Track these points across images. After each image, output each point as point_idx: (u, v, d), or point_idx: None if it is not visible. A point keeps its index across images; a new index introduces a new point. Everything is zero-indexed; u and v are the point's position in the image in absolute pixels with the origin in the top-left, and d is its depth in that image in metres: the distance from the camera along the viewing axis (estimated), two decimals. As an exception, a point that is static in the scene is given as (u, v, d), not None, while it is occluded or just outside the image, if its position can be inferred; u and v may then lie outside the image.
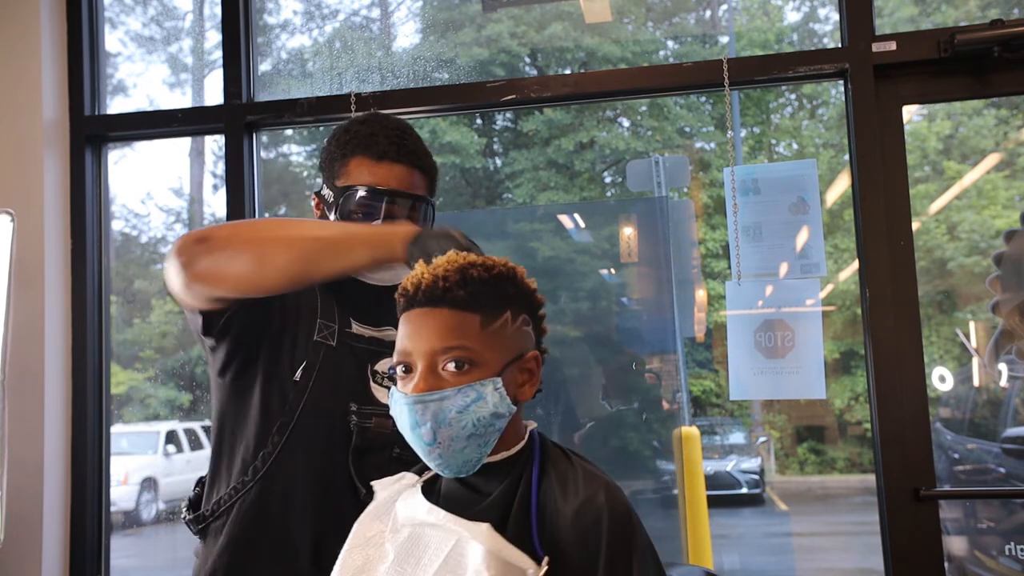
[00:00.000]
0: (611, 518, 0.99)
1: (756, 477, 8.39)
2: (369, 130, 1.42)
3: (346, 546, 1.10)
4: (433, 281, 1.04)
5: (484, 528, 1.00)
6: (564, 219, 4.16)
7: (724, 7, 8.95)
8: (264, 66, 3.72)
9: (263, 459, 1.33)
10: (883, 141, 2.12)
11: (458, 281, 1.04)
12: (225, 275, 1.21)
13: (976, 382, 4.30)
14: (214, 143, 8.97)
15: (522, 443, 1.08)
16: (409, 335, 1.05)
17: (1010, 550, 3.01)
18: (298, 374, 1.35)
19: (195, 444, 7.94)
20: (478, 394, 1.03)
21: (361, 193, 1.37)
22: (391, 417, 1.08)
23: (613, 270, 3.76)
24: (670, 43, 8.78)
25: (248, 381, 1.37)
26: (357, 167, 1.40)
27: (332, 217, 1.40)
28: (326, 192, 1.42)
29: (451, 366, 1.03)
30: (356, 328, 1.41)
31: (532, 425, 1.12)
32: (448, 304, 1.04)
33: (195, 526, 1.38)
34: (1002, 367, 2.93)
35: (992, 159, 8.46)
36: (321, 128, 2.46)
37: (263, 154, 2.78)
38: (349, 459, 1.34)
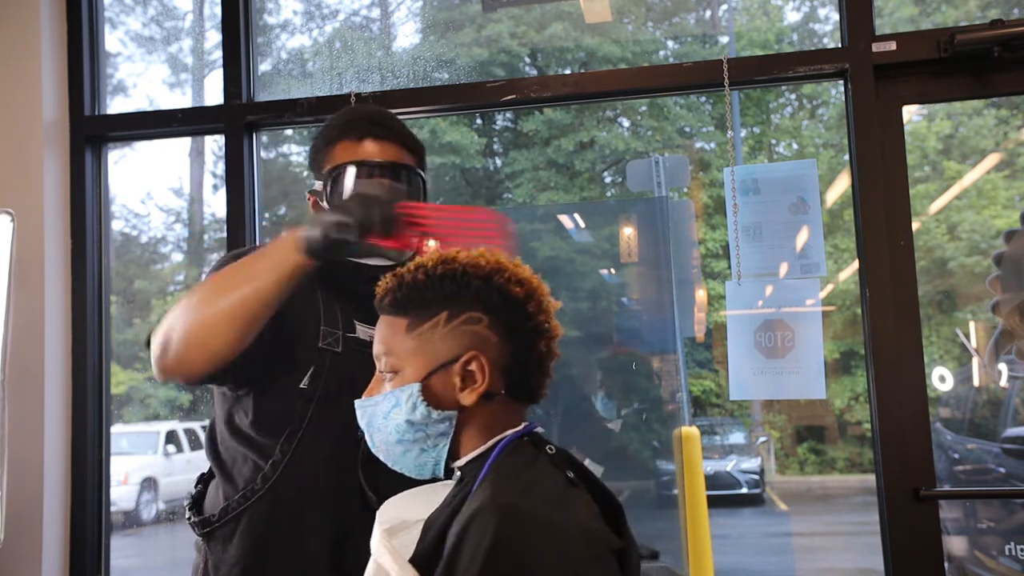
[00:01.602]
0: (455, 538, 0.91)
1: (756, 477, 8.39)
2: (348, 117, 1.46)
3: None
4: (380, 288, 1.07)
5: (378, 533, 1.02)
6: (564, 219, 4.16)
7: (724, 7, 8.95)
8: (264, 66, 3.72)
9: (272, 467, 1.32)
10: (883, 141, 2.11)
11: (393, 287, 1.04)
12: (189, 362, 1.24)
13: (976, 382, 4.30)
14: (214, 143, 8.98)
15: (482, 448, 1.02)
16: None
17: (1010, 550, 3.01)
18: (305, 382, 1.33)
19: (195, 444, 7.95)
20: (396, 400, 1.03)
21: (349, 169, 1.38)
22: None
23: (613, 270, 3.76)
24: (670, 43, 8.79)
25: (258, 390, 1.36)
26: (342, 151, 1.42)
27: (324, 205, 1.41)
28: (316, 184, 1.44)
29: (385, 372, 1.05)
30: (360, 331, 1.40)
31: (508, 431, 1.03)
32: (384, 311, 1.06)
33: (200, 529, 1.36)
34: (1002, 367, 2.93)
35: (992, 159, 8.46)
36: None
37: (263, 154, 2.78)
38: (359, 467, 1.33)
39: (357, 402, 1.07)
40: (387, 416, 1.03)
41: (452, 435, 1.02)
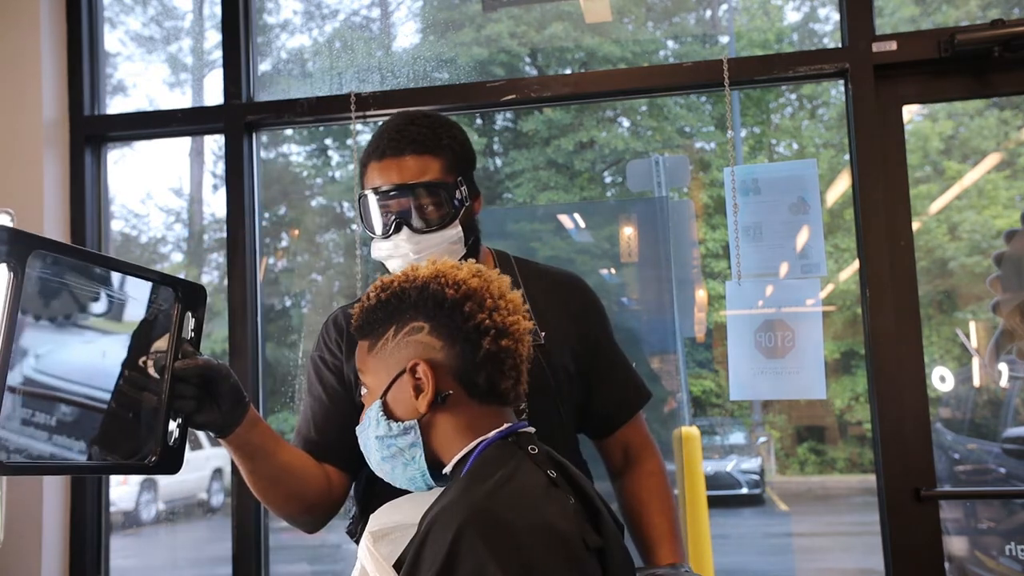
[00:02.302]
0: (420, 536, 0.93)
1: (756, 477, 8.38)
2: (377, 133, 1.42)
3: None
4: None
5: (364, 538, 1.07)
6: (564, 219, 4.16)
7: (724, 7, 8.94)
8: (264, 66, 3.72)
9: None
10: (883, 141, 2.11)
11: (357, 314, 1.09)
12: (296, 525, 1.38)
13: (976, 382, 4.29)
14: (214, 143, 8.97)
15: (464, 451, 1.03)
16: None
17: (1010, 550, 3.01)
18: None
19: (195, 444, 7.92)
20: (369, 420, 1.08)
21: (367, 198, 1.38)
22: None
23: (613, 270, 3.76)
24: (670, 43, 8.78)
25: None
26: (370, 173, 1.40)
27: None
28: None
29: (366, 396, 1.10)
30: None
31: (492, 432, 1.03)
32: (356, 337, 1.11)
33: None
34: (1002, 367, 2.93)
35: (993, 159, 8.45)
36: (321, 128, 2.46)
37: (263, 154, 2.78)
38: None
39: (356, 429, 1.12)
40: (369, 437, 1.08)
41: (424, 444, 1.03)
